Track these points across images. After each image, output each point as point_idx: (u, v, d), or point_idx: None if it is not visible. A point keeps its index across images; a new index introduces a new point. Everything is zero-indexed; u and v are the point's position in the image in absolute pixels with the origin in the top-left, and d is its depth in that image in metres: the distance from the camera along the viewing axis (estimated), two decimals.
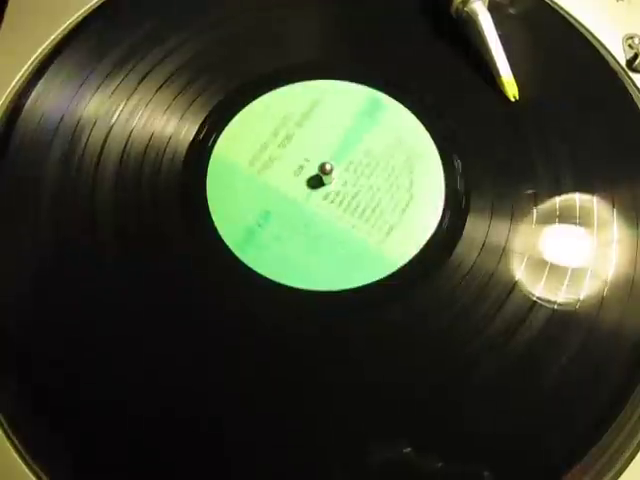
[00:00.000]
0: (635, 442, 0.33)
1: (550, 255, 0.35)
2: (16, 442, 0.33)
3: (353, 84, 0.40)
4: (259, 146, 0.39)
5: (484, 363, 0.33)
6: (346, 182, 0.38)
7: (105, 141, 0.38)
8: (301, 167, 0.38)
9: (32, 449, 0.33)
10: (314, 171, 0.37)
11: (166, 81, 0.40)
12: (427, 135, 0.39)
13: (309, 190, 0.37)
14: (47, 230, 0.36)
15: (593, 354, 0.33)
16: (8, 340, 0.34)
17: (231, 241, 0.36)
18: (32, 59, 0.41)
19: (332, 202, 0.37)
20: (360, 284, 0.35)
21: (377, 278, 0.35)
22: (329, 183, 0.37)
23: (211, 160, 0.38)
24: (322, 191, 0.37)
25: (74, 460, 0.32)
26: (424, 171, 0.38)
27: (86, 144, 0.38)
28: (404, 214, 0.37)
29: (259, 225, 0.36)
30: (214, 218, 0.36)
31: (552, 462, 0.31)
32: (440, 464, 0.31)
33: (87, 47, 0.40)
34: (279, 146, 0.39)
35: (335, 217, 0.37)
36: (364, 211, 0.37)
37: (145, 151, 0.38)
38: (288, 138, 0.39)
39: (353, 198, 0.37)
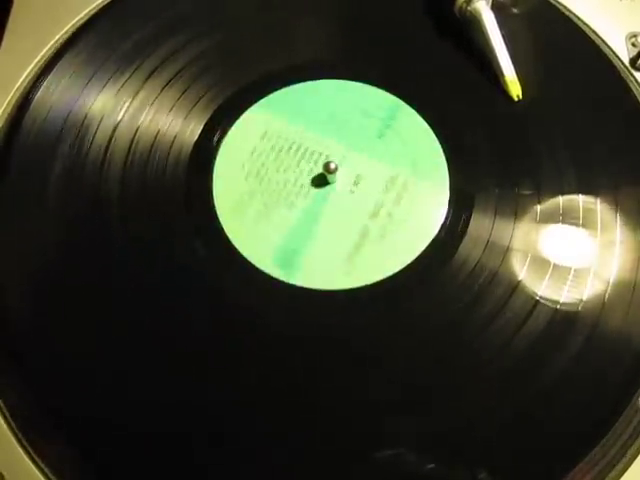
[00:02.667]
0: (637, 443, 0.33)
1: (553, 255, 0.35)
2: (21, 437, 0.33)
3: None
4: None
5: (486, 362, 0.33)
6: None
7: (111, 139, 0.38)
8: (316, 162, 0.38)
9: (37, 445, 0.33)
10: (320, 169, 0.37)
11: (172, 79, 0.40)
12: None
13: (313, 188, 0.38)
14: (53, 226, 0.36)
15: (595, 354, 0.33)
16: (9, 339, 0.34)
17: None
18: (39, 58, 0.41)
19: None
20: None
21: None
22: (332, 183, 0.38)
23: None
24: (327, 189, 0.38)
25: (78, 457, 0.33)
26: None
27: (92, 142, 0.38)
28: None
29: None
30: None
31: (553, 462, 0.32)
32: (439, 464, 0.31)
33: (93, 46, 0.41)
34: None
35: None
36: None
37: (151, 149, 0.38)
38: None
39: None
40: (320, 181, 0.38)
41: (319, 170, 0.38)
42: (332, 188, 0.38)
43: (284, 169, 0.38)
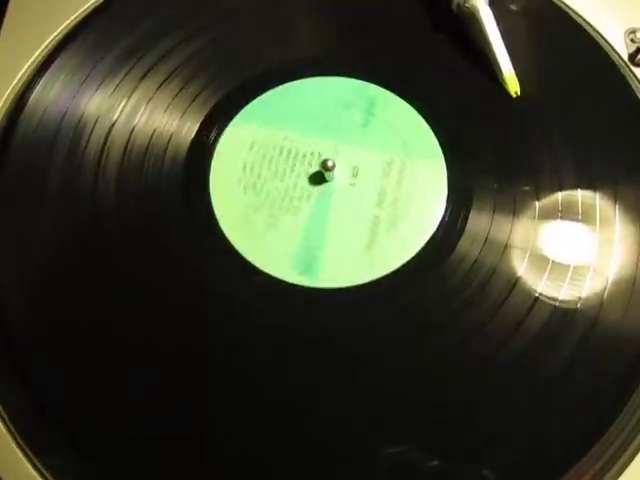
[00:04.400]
0: (636, 442, 0.33)
1: (552, 252, 0.35)
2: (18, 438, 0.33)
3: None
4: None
5: (484, 360, 0.33)
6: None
7: (107, 138, 0.38)
8: (309, 162, 0.38)
9: (34, 445, 0.33)
10: (315, 169, 0.37)
11: (168, 78, 0.40)
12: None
13: (309, 184, 0.38)
14: (49, 226, 0.36)
15: (594, 352, 0.33)
16: (8, 339, 0.34)
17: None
18: (34, 57, 0.41)
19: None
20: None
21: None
22: (331, 180, 0.37)
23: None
24: (324, 186, 0.37)
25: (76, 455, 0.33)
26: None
27: (88, 141, 0.38)
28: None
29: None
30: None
31: (551, 461, 0.31)
32: (439, 463, 0.31)
33: (89, 45, 0.40)
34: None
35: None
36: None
37: (147, 148, 0.38)
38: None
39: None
40: (319, 180, 0.38)
41: (315, 170, 0.37)
42: (333, 185, 0.38)
43: (281, 176, 0.38)
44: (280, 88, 0.40)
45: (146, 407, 0.33)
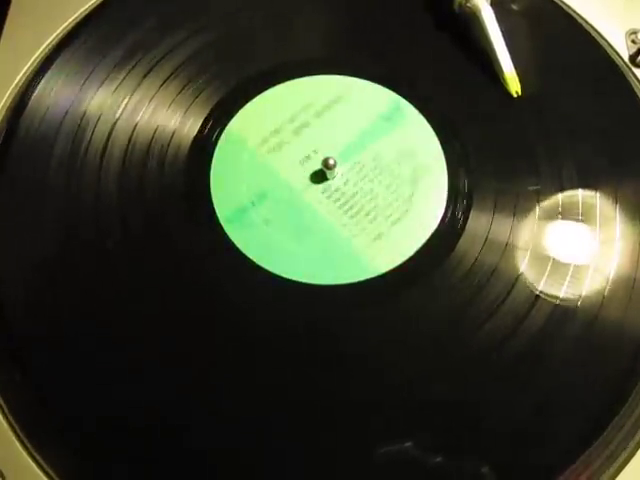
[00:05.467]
0: (634, 440, 0.33)
1: (552, 251, 0.35)
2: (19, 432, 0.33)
3: (355, 79, 0.40)
4: (273, 129, 0.39)
5: (485, 359, 0.33)
6: (347, 181, 0.38)
7: (109, 136, 0.38)
8: (308, 157, 0.38)
9: (38, 444, 0.33)
10: (319, 164, 0.37)
11: (170, 76, 0.40)
12: (431, 131, 0.39)
13: (309, 182, 0.38)
14: (51, 224, 0.36)
15: (594, 350, 0.33)
16: (9, 337, 0.34)
17: (223, 217, 0.36)
18: (36, 55, 0.41)
19: (329, 197, 0.37)
20: (361, 279, 0.35)
21: (379, 273, 0.35)
22: (332, 178, 0.38)
23: (222, 137, 0.38)
24: (322, 185, 0.37)
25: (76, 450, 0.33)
26: (426, 163, 0.38)
27: (90, 139, 0.38)
28: (407, 207, 0.37)
29: (252, 203, 0.37)
30: (215, 203, 0.37)
31: (550, 460, 0.31)
32: (438, 461, 0.31)
33: (91, 43, 0.40)
34: (293, 133, 0.39)
35: (328, 213, 0.37)
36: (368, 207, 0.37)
37: (149, 145, 0.38)
38: (304, 126, 0.39)
39: (351, 197, 0.37)
40: (319, 177, 0.38)
41: (318, 167, 0.38)
42: (330, 183, 0.38)
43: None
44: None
45: (145, 400, 0.33)
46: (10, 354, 0.34)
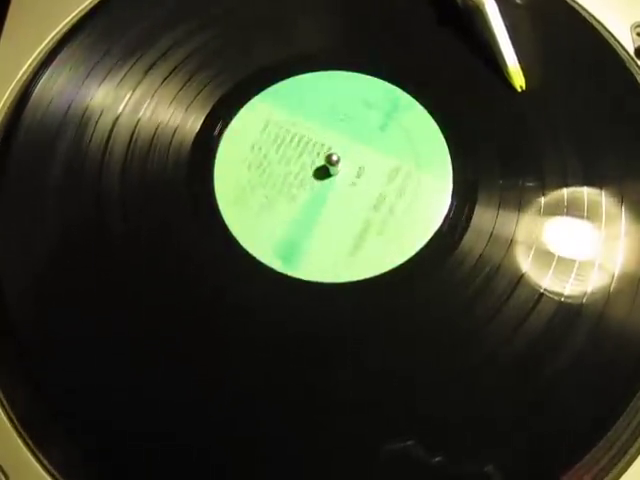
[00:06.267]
0: (639, 441, 0.33)
1: (557, 248, 0.35)
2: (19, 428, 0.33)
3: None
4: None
5: (488, 356, 0.33)
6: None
7: (112, 131, 0.38)
8: (312, 153, 0.38)
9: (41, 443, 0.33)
10: (322, 161, 0.37)
11: (173, 71, 0.40)
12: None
13: (313, 178, 0.37)
14: (54, 218, 0.36)
15: (599, 348, 0.33)
16: (11, 337, 0.34)
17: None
18: (39, 50, 0.41)
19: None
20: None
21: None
22: (335, 175, 0.37)
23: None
24: (326, 181, 0.37)
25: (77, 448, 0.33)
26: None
27: (92, 134, 0.38)
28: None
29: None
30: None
31: (553, 460, 0.31)
32: (439, 461, 0.31)
33: (93, 38, 0.40)
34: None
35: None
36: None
37: (152, 141, 0.38)
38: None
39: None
40: (322, 173, 0.37)
41: (321, 162, 0.37)
42: (334, 180, 0.37)
43: (286, 161, 0.38)
44: (307, 76, 0.40)
45: (145, 398, 0.33)
46: (12, 353, 0.34)
